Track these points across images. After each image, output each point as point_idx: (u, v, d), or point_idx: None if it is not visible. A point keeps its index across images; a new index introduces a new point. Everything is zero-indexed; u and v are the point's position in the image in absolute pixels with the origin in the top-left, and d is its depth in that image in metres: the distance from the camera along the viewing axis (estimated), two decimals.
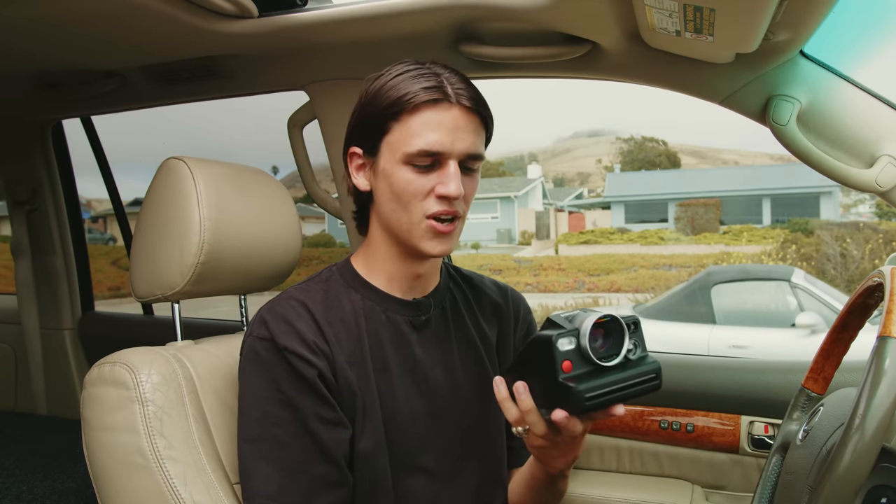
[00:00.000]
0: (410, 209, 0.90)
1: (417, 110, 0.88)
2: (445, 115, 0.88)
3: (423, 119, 0.88)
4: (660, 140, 48.39)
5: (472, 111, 0.90)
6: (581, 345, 0.74)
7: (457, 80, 0.91)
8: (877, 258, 11.46)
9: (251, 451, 0.88)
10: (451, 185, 0.88)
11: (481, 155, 0.93)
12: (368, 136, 0.93)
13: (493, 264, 18.08)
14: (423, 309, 1.00)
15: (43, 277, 2.30)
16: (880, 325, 0.65)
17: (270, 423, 0.87)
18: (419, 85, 0.89)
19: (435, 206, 0.90)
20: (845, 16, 1.08)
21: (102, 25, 1.32)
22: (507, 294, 1.13)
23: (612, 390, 0.74)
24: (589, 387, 0.72)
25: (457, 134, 0.89)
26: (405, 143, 0.89)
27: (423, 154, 0.88)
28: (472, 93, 0.91)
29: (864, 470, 0.60)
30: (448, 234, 0.92)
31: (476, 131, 0.92)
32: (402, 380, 0.95)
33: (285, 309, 0.91)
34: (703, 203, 22.03)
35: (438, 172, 0.90)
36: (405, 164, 0.89)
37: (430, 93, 0.88)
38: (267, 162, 25.73)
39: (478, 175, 0.96)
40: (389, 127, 0.90)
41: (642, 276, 15.84)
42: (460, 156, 0.90)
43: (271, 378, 0.88)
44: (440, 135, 0.88)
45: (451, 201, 0.90)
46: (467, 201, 0.94)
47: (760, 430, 1.38)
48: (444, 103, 0.89)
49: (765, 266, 10.56)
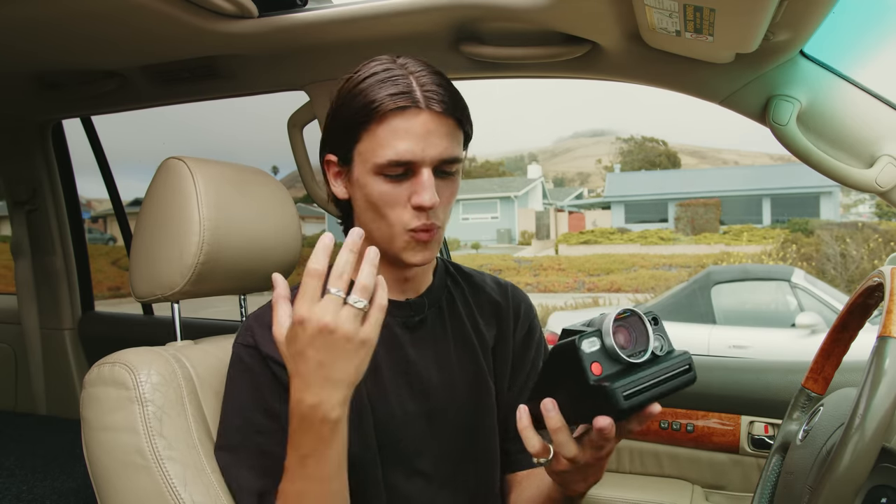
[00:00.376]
0: (389, 220, 0.88)
1: (385, 119, 0.84)
2: (414, 122, 0.84)
3: (391, 127, 0.84)
4: (660, 140, 48.42)
5: (443, 114, 0.86)
6: (606, 344, 0.70)
7: (428, 81, 0.86)
8: (877, 258, 11.46)
9: (231, 459, 0.88)
10: (425, 195, 0.85)
11: (457, 158, 0.90)
12: (341, 144, 0.91)
13: (492, 264, 18.08)
14: (416, 309, 0.99)
15: (43, 277, 2.29)
16: (880, 325, 0.65)
17: (252, 430, 0.87)
18: (385, 91, 0.84)
19: (413, 220, 0.87)
20: (845, 16, 1.08)
21: (102, 25, 1.32)
22: (508, 292, 1.11)
23: (650, 385, 0.69)
24: (625, 384, 0.67)
25: (428, 140, 0.85)
26: (374, 153, 0.86)
27: (394, 164, 0.85)
28: (443, 94, 0.86)
29: (864, 470, 0.60)
30: (427, 243, 0.90)
31: (450, 134, 0.87)
32: (394, 382, 0.95)
33: (270, 317, 0.91)
34: (703, 203, 22.04)
35: (412, 181, 0.87)
36: (377, 174, 0.87)
37: (395, 100, 0.84)
38: (267, 162, 25.71)
39: (456, 177, 0.92)
40: (359, 136, 0.87)
41: (642, 276, 15.85)
42: (433, 162, 0.86)
43: (254, 386, 0.88)
44: (410, 143, 0.84)
45: (427, 213, 0.87)
46: (445, 207, 0.91)
47: (760, 430, 1.38)
48: (411, 109, 0.84)
49: (765, 266, 10.56)
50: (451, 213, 0.98)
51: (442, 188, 0.89)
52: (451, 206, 0.94)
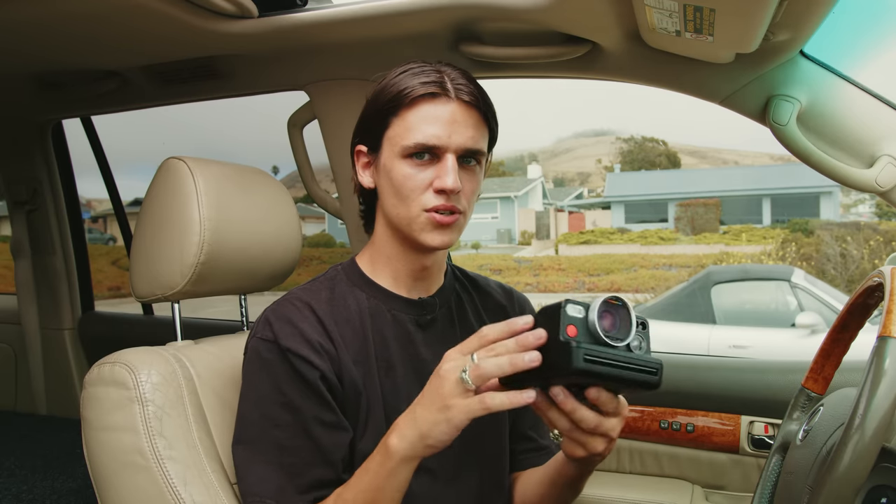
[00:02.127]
0: (409, 203, 0.91)
1: (415, 104, 0.89)
2: (443, 109, 0.89)
3: (420, 113, 0.89)
4: (660, 140, 48.42)
5: (471, 105, 0.90)
6: (589, 318, 0.73)
7: (458, 77, 0.91)
8: (877, 258, 11.47)
9: (248, 453, 0.88)
10: (448, 178, 0.88)
11: (482, 151, 0.93)
12: (371, 132, 0.94)
13: (493, 264, 18.08)
14: (428, 308, 1.00)
15: (43, 277, 2.30)
16: (880, 325, 0.65)
17: (271, 424, 0.87)
18: (418, 80, 0.89)
19: (433, 200, 0.90)
20: (845, 16, 1.08)
21: (103, 26, 1.32)
22: (513, 296, 1.13)
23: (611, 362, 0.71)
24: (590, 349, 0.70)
25: (454, 127, 0.89)
26: (403, 136, 0.89)
27: (420, 147, 0.89)
28: (472, 89, 0.91)
29: (864, 470, 0.60)
30: (448, 226, 0.91)
31: (475, 126, 0.91)
32: (406, 378, 0.95)
33: (289, 310, 0.91)
34: (703, 203, 22.04)
35: (437, 166, 0.90)
36: (404, 158, 0.90)
37: (427, 87, 0.89)
38: (267, 162, 25.73)
39: (479, 172, 0.95)
40: (389, 122, 0.91)
41: (642, 276, 15.85)
42: (458, 149, 0.90)
43: (273, 379, 0.88)
44: (437, 128, 0.88)
45: (448, 195, 0.90)
46: (468, 197, 0.93)
47: (760, 430, 1.38)
48: (441, 97, 0.89)
49: (765, 266, 10.56)
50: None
51: (465, 178, 0.92)
52: (473, 199, 0.96)
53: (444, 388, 0.75)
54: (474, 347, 0.75)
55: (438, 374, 0.77)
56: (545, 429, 1.11)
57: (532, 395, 0.72)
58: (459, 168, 0.90)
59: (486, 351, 0.74)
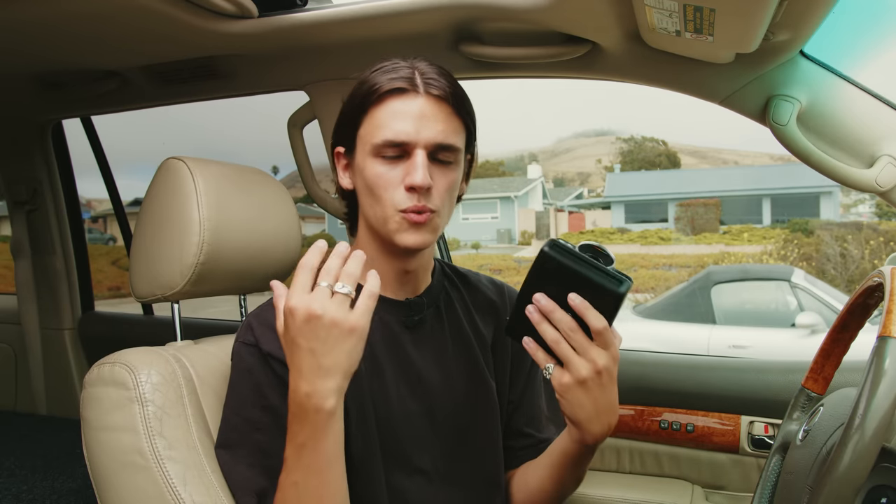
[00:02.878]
0: (383, 202, 0.89)
1: (382, 101, 0.88)
2: (411, 104, 0.88)
3: (388, 109, 0.88)
4: (660, 140, 48.43)
5: (440, 99, 0.88)
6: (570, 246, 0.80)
7: (430, 72, 0.90)
8: (877, 258, 11.47)
9: (230, 458, 0.88)
10: (417, 174, 0.86)
11: (454, 146, 0.90)
12: (346, 133, 0.94)
13: (493, 264, 18.07)
14: (415, 309, 0.99)
15: (43, 277, 2.29)
16: (880, 325, 0.65)
17: (251, 428, 0.87)
18: (387, 77, 0.89)
19: (406, 201, 0.88)
20: (845, 16, 1.08)
21: (102, 26, 1.32)
22: (504, 291, 1.13)
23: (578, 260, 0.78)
24: (559, 243, 0.79)
25: (423, 122, 0.87)
26: (372, 134, 0.89)
27: (388, 144, 0.88)
28: (443, 83, 0.89)
29: (864, 470, 0.60)
30: (422, 225, 0.89)
31: (446, 120, 0.89)
32: (395, 381, 0.95)
33: (271, 315, 0.90)
34: (703, 203, 22.04)
35: (406, 163, 0.89)
36: (374, 156, 0.89)
37: (394, 82, 0.88)
38: (267, 162, 25.72)
39: (456, 170, 0.93)
40: (360, 121, 0.91)
41: (642, 276, 15.83)
42: (428, 145, 0.88)
43: (254, 384, 0.88)
44: (405, 124, 0.87)
45: (418, 195, 0.88)
46: (441, 195, 0.91)
47: (760, 430, 1.38)
48: (409, 93, 0.88)
49: (765, 266, 10.56)
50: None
51: (437, 175, 0.90)
52: (449, 196, 0.93)
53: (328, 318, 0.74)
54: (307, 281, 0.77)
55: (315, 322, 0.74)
56: (542, 422, 1.11)
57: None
58: (431, 164, 0.89)
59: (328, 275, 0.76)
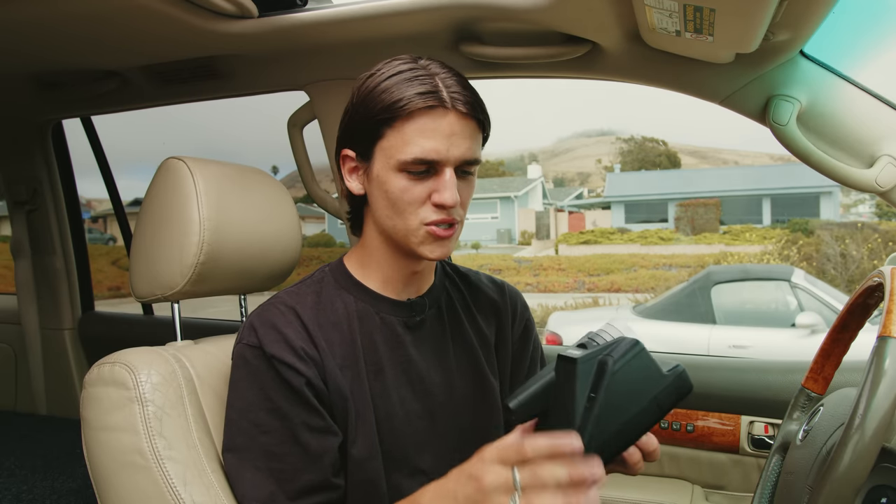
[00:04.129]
0: (406, 216, 0.89)
1: (412, 117, 0.86)
2: (441, 122, 0.86)
3: (417, 126, 0.86)
4: (660, 140, 48.43)
5: (468, 116, 0.88)
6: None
7: (453, 83, 0.88)
8: (877, 258, 11.47)
9: (237, 461, 0.88)
10: (447, 193, 0.86)
11: (477, 159, 0.91)
12: (362, 140, 0.91)
13: (493, 264, 18.08)
14: (417, 309, 0.99)
15: (43, 277, 2.30)
16: (880, 325, 0.66)
17: (258, 431, 0.87)
18: (414, 90, 0.85)
19: (432, 214, 0.88)
20: (845, 16, 1.08)
21: (103, 26, 1.32)
22: (505, 290, 1.12)
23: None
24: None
25: (452, 140, 0.86)
26: (399, 150, 0.87)
27: (418, 162, 0.86)
28: (468, 96, 0.88)
29: (864, 470, 0.60)
30: (447, 239, 0.91)
31: (472, 136, 0.89)
32: (396, 381, 0.95)
33: (274, 315, 0.90)
34: (703, 203, 22.03)
35: (434, 180, 0.88)
36: (400, 171, 0.87)
37: (425, 99, 0.85)
38: (267, 162, 25.73)
39: (474, 178, 0.94)
40: (383, 133, 0.88)
41: (642, 276, 15.85)
42: (456, 162, 0.87)
43: (259, 386, 0.87)
44: (435, 142, 0.85)
45: (447, 209, 0.88)
46: (464, 206, 0.92)
47: (760, 430, 1.38)
48: (439, 109, 0.86)
49: (765, 266, 10.56)
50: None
51: (461, 188, 0.90)
52: (467, 207, 0.95)
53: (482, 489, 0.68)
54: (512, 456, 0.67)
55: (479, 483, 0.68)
56: None
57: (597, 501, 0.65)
58: (457, 179, 0.88)
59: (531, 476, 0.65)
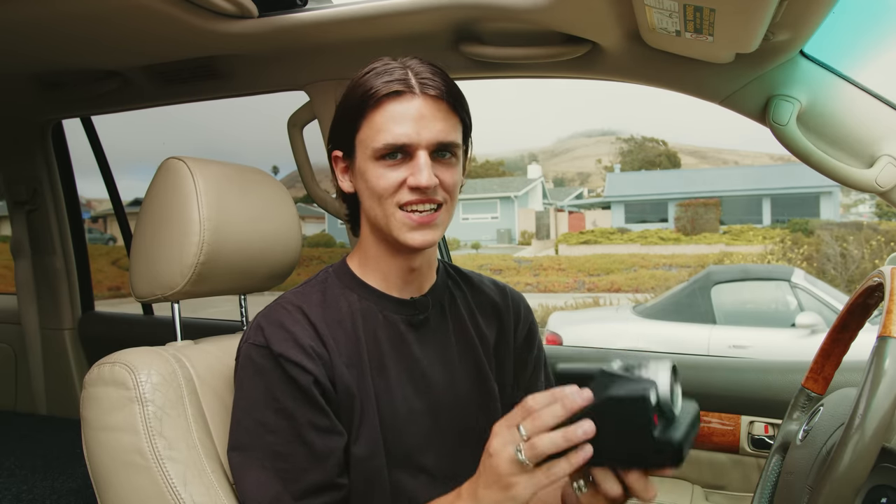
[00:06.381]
0: (384, 203, 0.90)
1: (380, 105, 0.88)
2: (408, 106, 0.88)
3: (386, 113, 0.88)
4: (660, 140, 48.43)
5: (437, 98, 0.89)
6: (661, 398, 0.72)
7: (424, 71, 0.90)
8: (877, 258, 11.47)
9: (243, 460, 0.87)
10: (422, 175, 0.87)
11: (455, 143, 0.92)
12: (343, 137, 0.94)
13: (493, 264, 18.08)
14: (420, 307, 0.99)
15: (43, 277, 2.30)
16: (880, 325, 0.66)
17: (264, 431, 0.87)
18: (381, 80, 0.89)
19: (407, 195, 0.89)
20: (845, 16, 1.08)
21: (103, 26, 1.32)
22: (507, 293, 1.13)
23: (688, 437, 0.72)
24: (683, 438, 0.70)
25: (422, 123, 0.88)
26: (372, 139, 0.89)
27: (390, 148, 0.88)
28: (438, 82, 0.90)
29: (864, 470, 0.60)
30: (428, 224, 0.91)
31: (445, 119, 0.90)
32: (399, 379, 0.95)
33: (281, 314, 0.91)
34: (703, 203, 22.02)
35: (409, 164, 0.89)
36: (376, 160, 0.89)
37: (389, 85, 0.88)
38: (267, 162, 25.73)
39: (457, 164, 0.94)
40: (359, 125, 0.91)
41: (642, 276, 15.84)
42: (429, 145, 0.89)
43: (266, 385, 0.87)
44: (405, 126, 0.87)
45: (422, 190, 0.89)
46: (448, 190, 0.92)
47: (760, 430, 1.38)
48: (406, 94, 0.88)
49: (765, 266, 10.57)
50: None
51: (441, 171, 0.91)
52: (454, 193, 0.94)
53: (500, 467, 0.73)
54: (519, 419, 0.73)
55: (489, 451, 0.75)
56: None
57: (589, 451, 0.70)
58: (434, 162, 0.90)
59: (532, 421, 0.72)
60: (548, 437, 0.70)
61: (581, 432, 0.69)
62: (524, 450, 0.71)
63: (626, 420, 0.71)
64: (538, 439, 0.71)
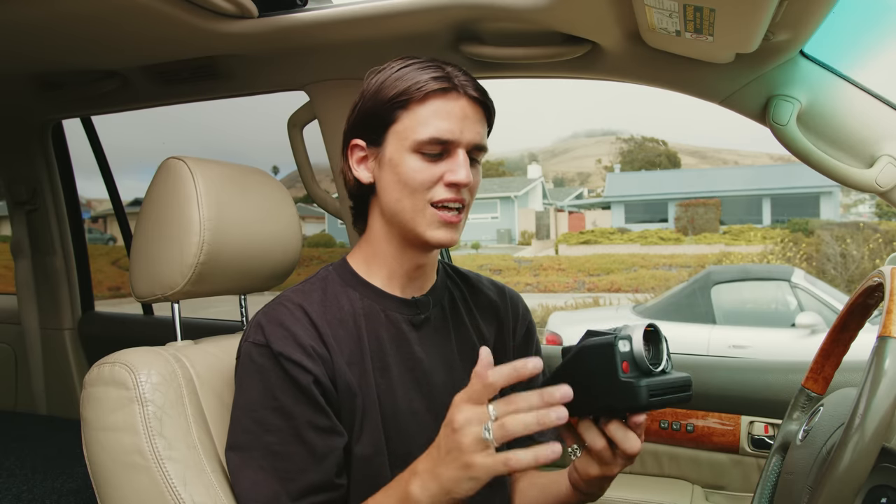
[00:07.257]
0: (416, 197, 0.91)
1: (427, 99, 0.90)
2: (454, 105, 0.90)
3: (432, 107, 0.90)
4: (660, 140, 48.42)
5: (478, 102, 0.92)
6: (634, 349, 0.76)
7: (461, 73, 0.93)
8: (877, 258, 11.47)
9: (241, 459, 0.87)
10: (461, 171, 0.90)
11: (485, 148, 0.95)
12: (373, 127, 0.94)
13: (493, 264, 18.08)
14: (422, 307, 1.00)
15: (43, 277, 2.30)
16: (880, 325, 0.65)
17: (263, 430, 0.86)
18: (427, 75, 0.90)
19: (443, 192, 0.91)
20: (845, 16, 1.08)
21: (103, 26, 1.32)
22: (505, 293, 1.13)
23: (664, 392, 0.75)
24: (650, 384, 0.74)
25: (465, 123, 0.91)
26: (414, 130, 0.90)
27: (434, 142, 0.90)
28: (476, 85, 0.93)
29: (864, 470, 0.60)
30: (455, 224, 0.93)
31: (481, 122, 0.94)
32: (401, 379, 0.95)
33: (281, 313, 0.91)
34: (703, 203, 22.03)
35: (447, 161, 0.91)
36: (414, 152, 0.90)
37: (438, 82, 0.90)
38: (267, 162, 25.74)
39: (480, 167, 0.98)
40: (397, 116, 0.91)
41: (642, 276, 15.85)
42: (468, 145, 0.91)
43: (266, 385, 0.87)
44: (450, 123, 0.90)
45: (459, 189, 0.91)
46: (472, 192, 0.95)
47: (760, 430, 1.38)
48: (452, 93, 0.90)
49: (765, 266, 10.57)
50: None
51: (471, 173, 0.93)
52: (474, 197, 0.97)
53: (463, 443, 0.72)
54: (480, 393, 0.73)
55: (452, 426, 0.73)
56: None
57: (558, 449, 0.70)
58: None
59: (505, 405, 0.72)
60: (520, 417, 0.70)
61: (555, 417, 0.70)
62: (493, 429, 0.71)
63: (596, 365, 0.76)
64: (509, 419, 0.70)
